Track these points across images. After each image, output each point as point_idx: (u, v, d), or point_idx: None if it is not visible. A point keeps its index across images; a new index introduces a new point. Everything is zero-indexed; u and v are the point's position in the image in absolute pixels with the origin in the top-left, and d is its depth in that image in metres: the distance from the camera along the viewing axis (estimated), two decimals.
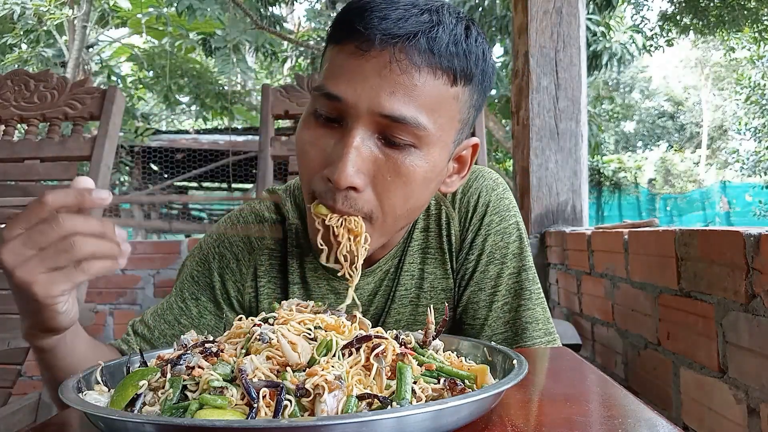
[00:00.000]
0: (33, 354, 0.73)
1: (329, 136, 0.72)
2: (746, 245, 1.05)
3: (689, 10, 8.98)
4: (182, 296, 0.94)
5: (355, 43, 0.69)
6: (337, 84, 0.70)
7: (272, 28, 7.31)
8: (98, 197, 0.59)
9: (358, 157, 0.70)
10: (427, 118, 0.70)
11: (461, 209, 0.92)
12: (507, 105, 7.52)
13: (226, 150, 8.66)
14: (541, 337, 0.89)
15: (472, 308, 0.90)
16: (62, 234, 0.58)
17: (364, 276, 0.90)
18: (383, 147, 0.71)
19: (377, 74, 0.68)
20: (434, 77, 0.70)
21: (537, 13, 2.55)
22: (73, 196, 0.59)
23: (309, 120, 0.75)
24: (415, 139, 0.71)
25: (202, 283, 0.94)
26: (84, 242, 0.58)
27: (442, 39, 0.69)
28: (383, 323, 0.92)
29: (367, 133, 0.70)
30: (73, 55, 7.77)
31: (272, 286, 0.93)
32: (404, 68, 0.68)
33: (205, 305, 0.93)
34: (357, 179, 0.70)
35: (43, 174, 1.88)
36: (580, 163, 2.57)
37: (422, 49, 0.69)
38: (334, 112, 0.72)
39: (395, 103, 0.69)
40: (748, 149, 15.48)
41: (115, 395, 0.54)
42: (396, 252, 0.91)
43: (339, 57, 0.72)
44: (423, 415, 0.45)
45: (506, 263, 0.90)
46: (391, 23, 0.68)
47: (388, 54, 0.68)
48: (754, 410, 1.06)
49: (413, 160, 0.72)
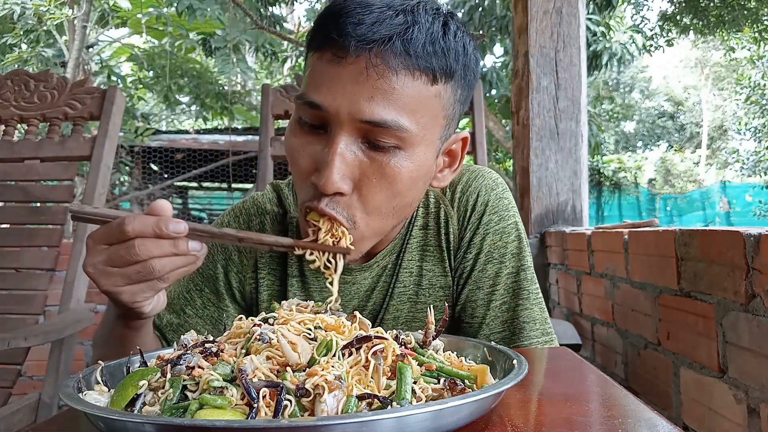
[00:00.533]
0: (107, 323, 0.78)
1: (315, 143, 0.73)
2: (746, 245, 1.05)
3: (689, 10, 8.97)
4: (187, 287, 0.96)
5: (332, 50, 0.70)
6: (318, 92, 0.71)
7: (272, 28, 7.30)
8: (175, 230, 0.63)
9: (343, 163, 0.71)
10: (409, 119, 0.71)
11: (460, 208, 0.92)
12: (507, 105, 7.51)
13: (226, 150, 8.66)
14: (539, 337, 0.89)
15: (470, 307, 0.91)
16: (138, 259, 0.63)
17: (362, 271, 0.91)
18: (367, 150, 0.72)
19: (355, 81, 0.69)
20: (413, 78, 0.70)
21: (537, 13, 2.55)
22: (151, 228, 0.63)
23: (295, 127, 0.76)
24: (399, 141, 0.72)
25: (206, 274, 0.95)
26: (161, 264, 0.64)
27: (418, 39, 0.69)
28: (382, 320, 0.92)
29: (350, 138, 0.71)
30: (73, 55, 7.76)
31: (272, 278, 0.94)
32: (381, 73, 0.69)
33: (208, 297, 0.95)
34: (343, 185, 0.71)
35: (43, 174, 1.88)
36: (580, 163, 2.57)
37: (398, 52, 0.69)
38: (317, 119, 0.73)
39: (375, 108, 0.69)
40: (748, 149, 15.48)
41: (115, 395, 0.53)
42: (394, 248, 0.92)
43: (318, 64, 0.72)
44: (423, 415, 0.45)
45: (504, 263, 0.91)
46: (366, 28, 0.68)
47: (364, 60, 0.68)
48: (754, 410, 1.06)
49: (398, 161, 0.72)
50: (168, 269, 0.64)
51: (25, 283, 1.79)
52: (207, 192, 11.82)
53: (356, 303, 0.93)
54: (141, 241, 0.62)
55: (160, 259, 0.63)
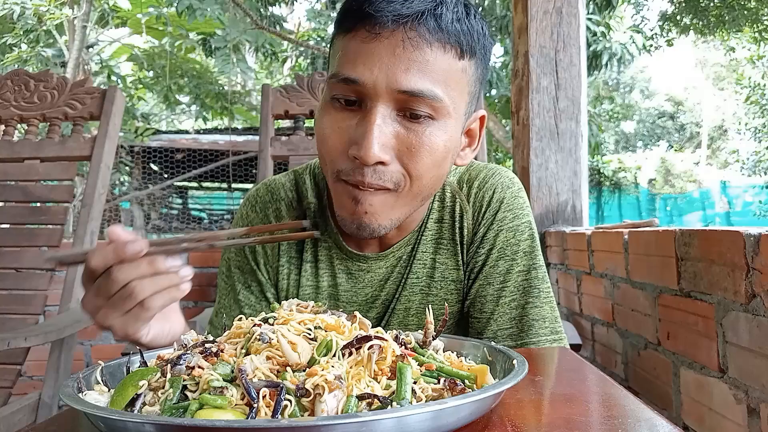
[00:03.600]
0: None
1: (350, 118, 0.76)
2: (746, 245, 1.05)
3: (689, 10, 8.97)
4: (236, 289, 0.97)
5: (366, 27, 0.73)
6: (354, 68, 0.74)
7: (272, 28, 7.30)
8: (134, 250, 0.64)
9: (382, 133, 0.73)
10: (441, 90, 0.74)
11: (476, 203, 0.93)
12: (507, 105, 7.51)
13: (226, 150, 8.67)
14: (547, 335, 0.89)
15: (480, 302, 0.91)
16: (119, 285, 0.65)
17: (378, 260, 0.93)
18: (404, 121, 0.75)
19: (391, 53, 0.72)
20: (444, 52, 0.74)
21: (537, 13, 2.55)
22: (111, 256, 0.65)
23: (327, 107, 0.78)
24: (433, 111, 0.75)
25: (246, 269, 0.97)
26: (141, 286, 0.65)
27: (447, 16, 0.74)
28: (393, 309, 0.94)
29: (387, 110, 0.74)
30: (73, 55, 7.76)
31: (290, 266, 0.96)
32: (416, 45, 0.72)
33: (258, 291, 0.96)
34: (384, 154, 0.74)
35: (43, 174, 1.88)
36: (580, 163, 2.57)
37: (431, 27, 0.73)
38: (353, 95, 0.75)
39: (411, 79, 0.72)
40: (748, 149, 15.48)
41: (115, 395, 0.53)
42: (410, 239, 0.93)
43: (351, 44, 0.75)
44: (423, 415, 0.45)
45: (516, 260, 0.91)
46: (399, 5, 0.72)
47: (400, 33, 0.72)
48: (754, 410, 1.06)
49: (433, 131, 0.76)
50: (149, 291, 0.65)
51: (25, 283, 1.79)
52: (207, 192, 11.83)
53: (369, 291, 0.94)
54: (118, 267, 0.65)
55: (140, 281, 0.65)
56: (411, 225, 0.92)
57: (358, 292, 0.94)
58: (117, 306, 0.66)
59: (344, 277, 0.94)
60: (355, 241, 0.93)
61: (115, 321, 0.67)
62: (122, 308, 0.66)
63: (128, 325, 0.68)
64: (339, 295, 0.94)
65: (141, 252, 0.65)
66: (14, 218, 1.87)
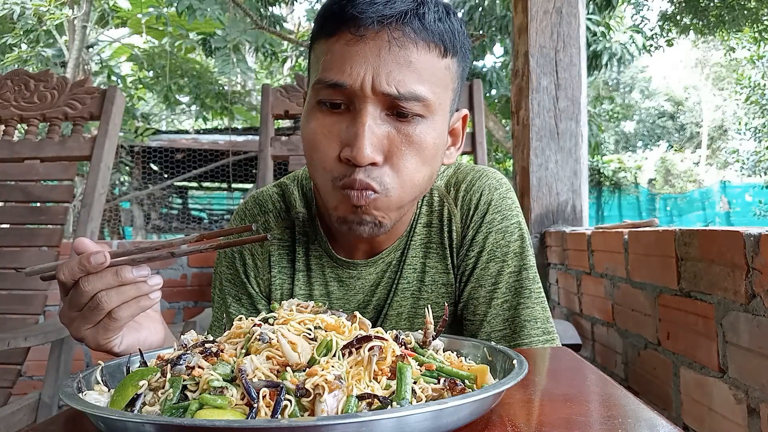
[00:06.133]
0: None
1: (339, 122, 0.76)
2: (746, 245, 1.05)
3: (689, 10, 8.97)
4: (227, 303, 0.98)
5: (350, 29, 0.73)
6: (341, 72, 0.73)
7: (272, 28, 7.30)
8: (97, 262, 0.65)
9: (373, 134, 0.74)
10: (428, 88, 0.75)
11: (464, 206, 0.93)
12: (507, 105, 7.52)
13: (226, 150, 8.66)
14: (540, 336, 0.89)
15: (472, 304, 0.92)
16: (87, 297, 0.66)
17: (368, 266, 0.93)
18: (393, 121, 0.76)
19: (377, 55, 0.73)
20: (428, 51, 0.75)
21: (537, 13, 2.55)
22: (77, 269, 0.66)
23: (314, 112, 0.78)
24: (421, 109, 0.75)
25: (237, 282, 0.97)
26: (107, 297, 0.66)
27: (429, 16, 0.75)
28: (385, 315, 0.94)
29: (376, 110, 0.74)
30: (73, 55, 7.76)
31: (282, 276, 0.96)
32: (402, 45, 0.73)
33: (248, 303, 0.97)
34: (376, 155, 0.74)
35: (43, 174, 1.88)
36: (580, 163, 2.57)
37: (415, 26, 0.74)
38: (340, 98, 0.75)
39: (399, 79, 0.73)
40: (748, 149, 15.48)
41: (115, 395, 0.53)
42: (399, 244, 0.93)
43: (336, 47, 0.75)
44: (423, 415, 0.45)
45: (507, 261, 0.91)
46: (381, 6, 0.73)
47: (385, 34, 0.73)
48: (754, 410, 1.06)
49: (422, 129, 0.76)
50: (116, 302, 0.66)
51: (25, 283, 1.79)
52: (207, 192, 11.82)
53: (361, 297, 0.94)
54: (84, 279, 0.66)
55: (107, 292, 0.66)
56: (399, 230, 0.92)
57: (350, 299, 0.94)
58: (87, 317, 0.67)
59: (336, 284, 0.94)
60: (344, 248, 0.93)
61: (87, 332, 0.69)
62: (92, 319, 0.67)
63: (99, 335, 0.69)
64: (332, 303, 0.94)
65: (104, 263, 0.65)
66: (14, 218, 1.87)
